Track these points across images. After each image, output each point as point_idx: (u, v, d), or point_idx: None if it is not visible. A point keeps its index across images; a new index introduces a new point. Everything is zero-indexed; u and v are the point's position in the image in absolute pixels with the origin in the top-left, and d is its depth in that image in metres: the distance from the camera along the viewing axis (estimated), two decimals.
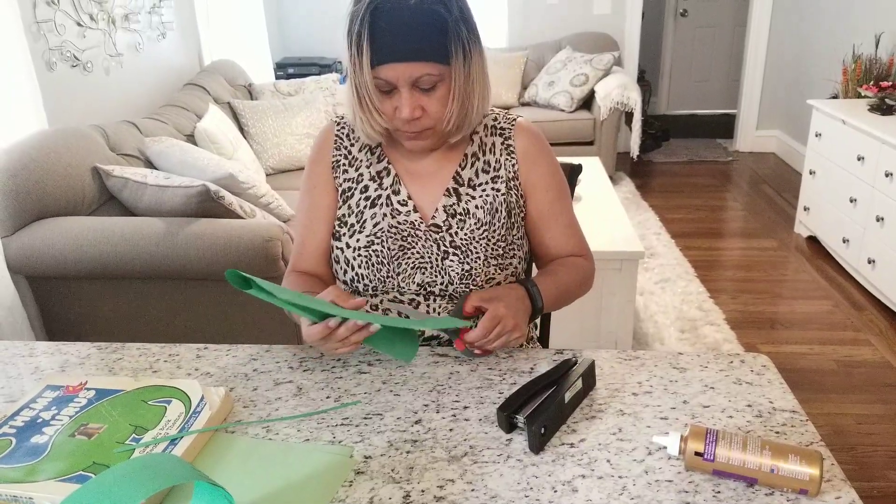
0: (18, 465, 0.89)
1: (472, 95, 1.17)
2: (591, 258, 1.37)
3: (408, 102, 1.12)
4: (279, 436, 0.98)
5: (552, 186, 1.31)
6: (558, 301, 1.28)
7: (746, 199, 4.62)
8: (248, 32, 4.64)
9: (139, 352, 1.23)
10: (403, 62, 1.09)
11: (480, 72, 1.17)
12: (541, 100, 4.96)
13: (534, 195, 1.30)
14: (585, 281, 1.34)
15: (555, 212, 1.32)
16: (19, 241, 2.19)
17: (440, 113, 1.15)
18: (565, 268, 1.31)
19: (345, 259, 1.26)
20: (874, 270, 3.10)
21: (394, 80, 1.11)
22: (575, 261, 1.33)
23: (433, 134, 1.18)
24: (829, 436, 2.28)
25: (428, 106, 1.14)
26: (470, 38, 1.13)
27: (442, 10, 1.09)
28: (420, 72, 1.10)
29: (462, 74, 1.14)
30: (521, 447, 0.94)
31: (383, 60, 1.09)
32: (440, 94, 1.13)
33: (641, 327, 2.97)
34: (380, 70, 1.10)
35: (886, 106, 3.28)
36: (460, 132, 1.20)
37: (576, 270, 1.32)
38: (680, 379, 1.09)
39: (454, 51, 1.11)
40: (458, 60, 1.12)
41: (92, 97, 2.97)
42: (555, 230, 1.33)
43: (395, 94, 1.13)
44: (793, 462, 0.82)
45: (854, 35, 4.26)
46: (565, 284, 1.28)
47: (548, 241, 1.34)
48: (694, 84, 6.90)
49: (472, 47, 1.14)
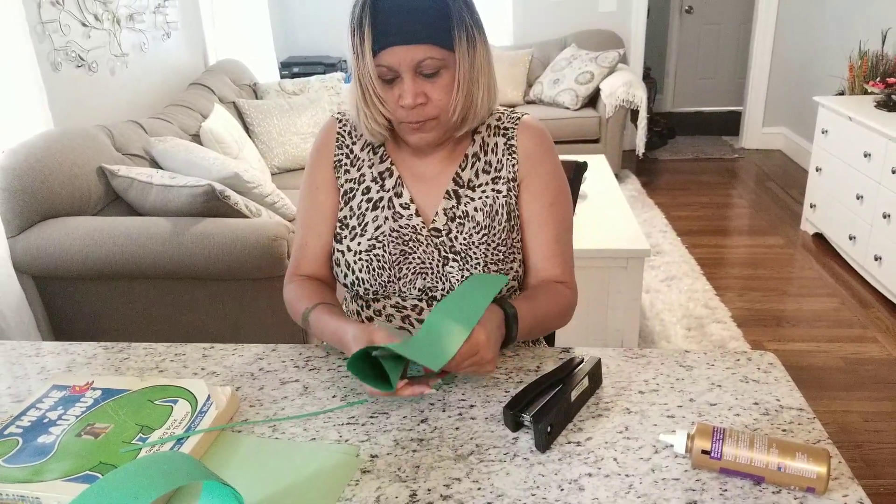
0: (25, 465, 0.89)
1: (477, 85, 1.15)
2: (574, 288, 1.28)
3: (410, 89, 1.10)
4: (285, 435, 0.98)
5: (548, 190, 1.25)
6: (532, 331, 1.17)
7: (752, 197, 4.60)
8: (253, 32, 4.65)
9: (145, 351, 1.23)
10: (404, 45, 1.07)
11: (485, 62, 1.16)
12: (546, 98, 4.95)
13: (527, 197, 1.24)
14: (564, 313, 1.24)
15: (544, 218, 1.25)
16: (26, 241, 2.19)
17: (444, 101, 1.13)
18: (546, 295, 1.21)
19: (346, 262, 1.24)
20: (881, 267, 3.08)
21: (396, 65, 1.09)
22: (556, 287, 1.24)
23: (438, 125, 1.15)
24: (837, 433, 2.27)
25: (431, 93, 1.12)
26: (474, 25, 1.12)
27: None
28: (422, 55, 1.08)
29: (466, 61, 1.12)
30: (528, 446, 0.94)
31: (385, 45, 1.08)
32: (444, 82, 1.12)
33: (647, 325, 2.96)
34: (382, 56, 1.09)
35: (893, 102, 3.26)
36: (465, 125, 1.18)
37: (556, 300, 1.22)
38: (686, 377, 1.08)
39: (458, 36, 1.10)
40: (461, 46, 1.11)
41: (97, 97, 2.98)
42: (540, 238, 1.25)
43: (398, 82, 1.11)
44: (800, 460, 0.82)
45: (860, 31, 4.24)
46: (543, 314, 1.19)
47: (529, 249, 1.26)
48: (699, 81, 6.88)
49: (476, 35, 1.13)
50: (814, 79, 4.89)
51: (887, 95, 3.29)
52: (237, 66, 4.10)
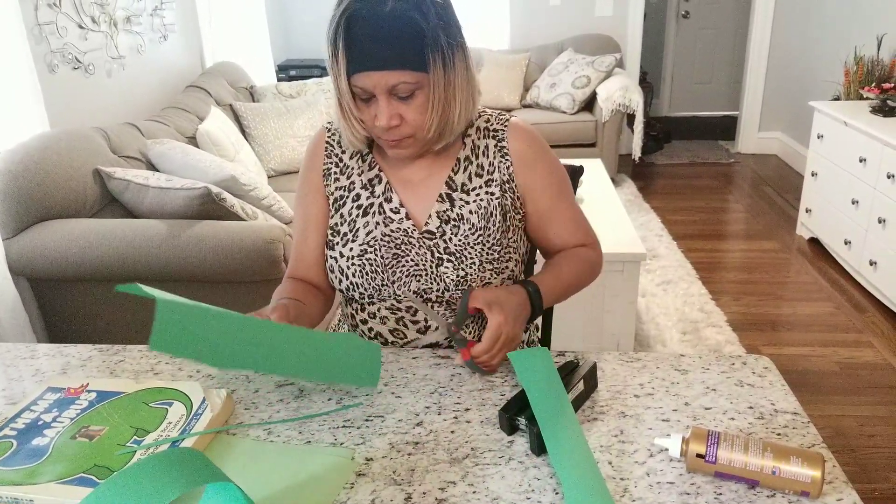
0: (19, 468, 0.89)
1: (454, 103, 1.15)
2: (598, 246, 1.37)
3: (385, 111, 1.11)
4: (280, 438, 0.98)
5: (551, 185, 1.29)
6: (560, 296, 1.29)
7: (748, 201, 4.62)
8: (250, 34, 4.65)
9: (140, 354, 1.23)
10: (378, 70, 1.08)
11: (463, 78, 1.16)
12: (543, 102, 4.96)
13: (533, 197, 1.28)
14: (591, 270, 1.34)
15: (556, 209, 1.31)
16: (21, 242, 2.19)
17: (419, 121, 1.13)
18: (568, 259, 1.31)
19: (339, 268, 1.25)
20: (876, 272, 3.09)
21: (370, 88, 1.10)
22: (579, 251, 1.33)
23: (414, 142, 1.17)
24: (831, 438, 2.28)
25: (406, 114, 1.12)
26: (449, 45, 1.11)
27: (418, 17, 1.07)
28: (396, 80, 1.09)
29: (441, 83, 1.12)
30: (523, 449, 0.94)
31: (359, 69, 1.09)
32: (419, 102, 1.12)
33: (643, 329, 2.97)
34: (356, 78, 1.10)
35: (888, 108, 3.27)
36: (442, 140, 1.19)
37: (579, 262, 1.31)
38: (682, 381, 1.09)
39: (431, 58, 1.09)
40: (436, 68, 1.10)
41: (94, 99, 2.98)
42: (559, 226, 1.32)
43: (374, 102, 1.12)
44: (794, 464, 0.82)
45: (856, 37, 4.26)
46: (568, 278, 1.29)
47: (552, 238, 1.33)
48: (696, 86, 6.90)
49: (452, 55, 1.12)
50: (809, 84, 4.91)
51: (882, 101, 3.30)
52: (234, 68, 4.10)
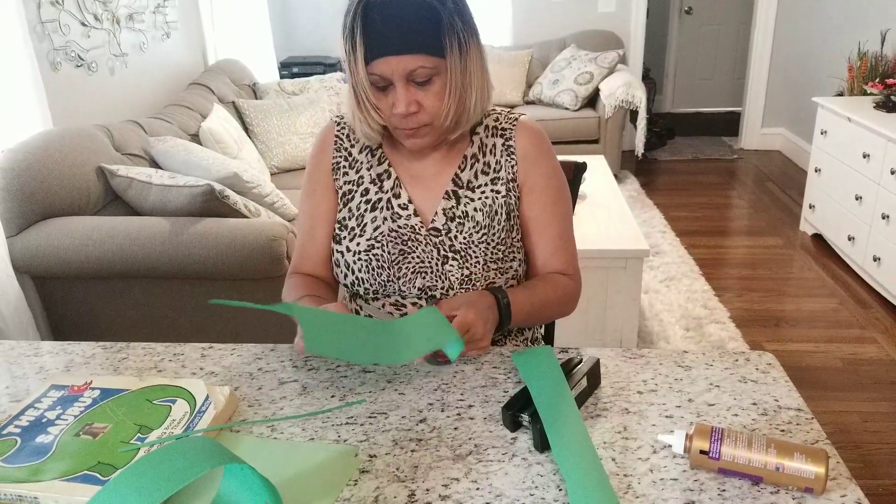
0: (23, 465, 0.89)
1: (470, 89, 1.16)
2: (578, 279, 1.31)
3: (403, 97, 1.11)
4: (284, 435, 0.98)
5: (548, 188, 1.27)
6: (531, 317, 1.22)
7: (751, 197, 4.61)
8: (253, 32, 4.65)
9: (144, 351, 1.23)
10: (396, 55, 1.08)
11: (478, 66, 1.16)
12: (545, 98, 4.95)
13: (528, 196, 1.26)
14: (566, 301, 1.28)
15: (547, 218, 1.27)
16: (25, 240, 2.19)
17: (437, 108, 1.13)
18: (544, 284, 1.25)
19: (345, 263, 1.25)
20: (880, 268, 3.08)
21: (388, 74, 1.10)
22: (557, 278, 1.28)
23: (431, 131, 1.17)
24: (835, 434, 2.27)
25: (424, 101, 1.12)
26: (466, 30, 1.12)
27: (435, 2, 1.08)
28: (414, 64, 1.09)
29: (458, 68, 1.12)
30: (526, 446, 0.94)
31: (376, 55, 1.09)
32: (436, 89, 1.12)
33: (646, 326, 2.96)
34: (374, 65, 1.10)
35: (892, 103, 3.26)
36: (459, 128, 1.19)
37: (556, 288, 1.26)
38: (685, 377, 1.08)
39: (448, 43, 1.10)
40: (453, 53, 1.11)
41: (96, 97, 2.98)
42: (545, 237, 1.28)
43: (391, 90, 1.12)
44: (798, 460, 0.82)
45: (859, 32, 4.25)
46: (541, 301, 1.23)
47: (535, 249, 1.29)
48: (699, 82, 6.89)
49: (468, 40, 1.13)
50: (813, 80, 4.90)
51: (886, 96, 3.29)
52: (237, 66, 4.10)
